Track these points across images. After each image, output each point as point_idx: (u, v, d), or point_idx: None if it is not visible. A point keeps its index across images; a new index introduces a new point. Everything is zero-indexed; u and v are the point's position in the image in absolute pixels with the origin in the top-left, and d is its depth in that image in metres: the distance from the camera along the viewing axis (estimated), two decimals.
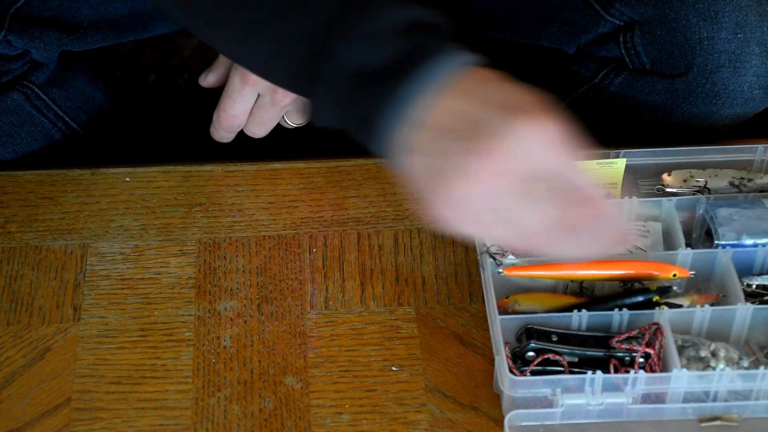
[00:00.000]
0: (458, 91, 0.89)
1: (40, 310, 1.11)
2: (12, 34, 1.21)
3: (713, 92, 1.22)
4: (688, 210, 1.13)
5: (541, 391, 1.00)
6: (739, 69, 1.20)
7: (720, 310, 1.05)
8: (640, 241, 1.11)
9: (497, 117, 0.87)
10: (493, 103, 0.88)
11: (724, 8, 1.20)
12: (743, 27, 1.20)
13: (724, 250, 1.08)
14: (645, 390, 1.00)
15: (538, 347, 1.02)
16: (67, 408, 1.04)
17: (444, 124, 0.88)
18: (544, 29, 1.30)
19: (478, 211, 0.88)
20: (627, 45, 1.24)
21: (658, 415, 1.01)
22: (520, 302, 1.06)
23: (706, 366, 1.01)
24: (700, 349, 1.02)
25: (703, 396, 1.01)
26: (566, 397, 0.99)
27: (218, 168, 1.22)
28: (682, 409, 1.01)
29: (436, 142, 0.88)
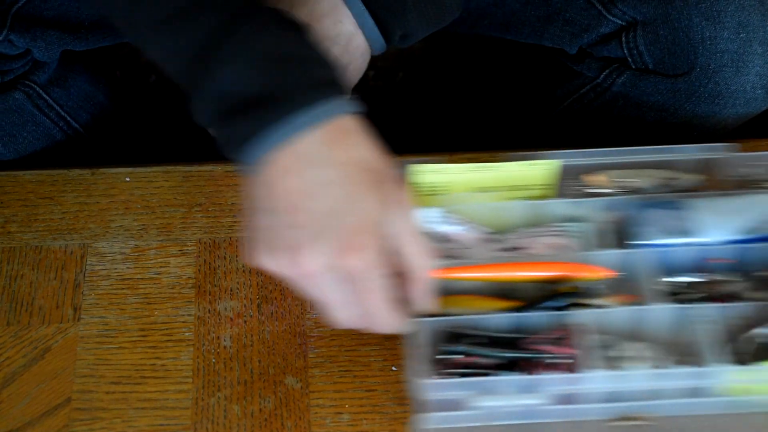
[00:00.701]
0: (314, 142, 0.93)
1: (40, 310, 1.11)
2: (13, 33, 1.21)
3: (716, 92, 1.22)
4: (614, 210, 1.12)
5: (457, 394, 1.00)
6: (742, 69, 1.20)
7: (639, 310, 1.04)
8: (566, 242, 1.11)
9: (339, 193, 0.93)
10: (336, 169, 0.93)
11: (727, 8, 1.19)
12: (746, 27, 1.20)
13: (646, 250, 1.08)
14: (560, 391, 1.00)
15: (457, 350, 1.02)
16: (67, 408, 1.04)
17: (285, 180, 0.93)
18: (546, 29, 1.30)
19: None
20: (629, 45, 1.24)
21: (573, 416, 1.01)
22: (446, 305, 1.05)
23: (621, 366, 1.01)
24: (617, 349, 1.02)
25: (618, 396, 1.00)
26: (481, 400, 0.99)
27: (218, 168, 1.22)
28: (596, 410, 1.00)
29: (274, 196, 0.94)
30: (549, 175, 1.13)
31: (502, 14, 1.32)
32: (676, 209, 1.10)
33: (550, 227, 1.12)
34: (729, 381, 1.00)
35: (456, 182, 1.12)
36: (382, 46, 1.12)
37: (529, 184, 1.13)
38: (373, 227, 0.94)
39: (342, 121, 0.94)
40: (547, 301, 1.05)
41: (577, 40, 1.28)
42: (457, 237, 1.11)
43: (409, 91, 1.48)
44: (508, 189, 1.13)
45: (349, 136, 0.95)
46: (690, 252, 1.08)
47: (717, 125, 1.25)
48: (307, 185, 0.93)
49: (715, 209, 1.10)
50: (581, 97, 1.31)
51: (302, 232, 0.93)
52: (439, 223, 1.11)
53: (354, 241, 0.93)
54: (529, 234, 1.12)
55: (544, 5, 1.29)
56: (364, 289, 0.96)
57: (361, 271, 0.94)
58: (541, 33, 1.31)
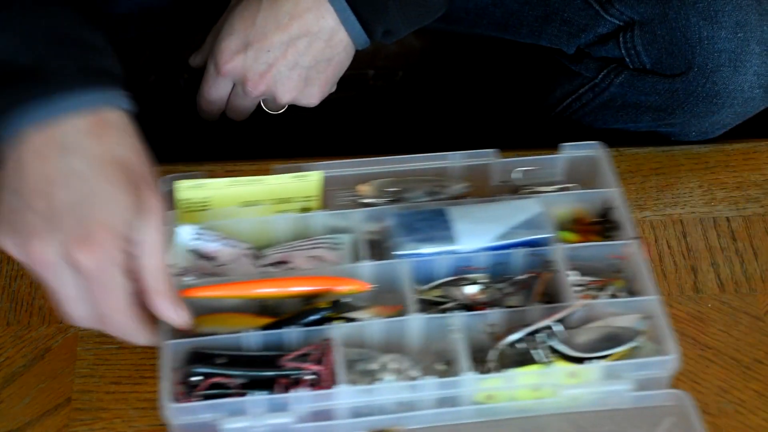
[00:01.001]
0: (73, 129, 0.91)
1: (40, 310, 1.11)
2: None
3: (714, 92, 1.22)
4: (377, 221, 1.11)
5: (204, 416, 0.97)
6: (740, 68, 1.20)
7: (393, 322, 1.03)
8: (330, 254, 1.09)
9: (86, 187, 0.90)
10: (89, 162, 0.91)
11: (724, 7, 1.20)
12: (743, 26, 1.20)
13: (403, 261, 1.06)
14: (311, 408, 0.98)
15: (203, 371, 0.99)
16: (67, 408, 1.04)
17: (35, 163, 0.90)
18: (544, 29, 1.30)
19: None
20: (627, 45, 1.24)
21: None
22: (203, 325, 1.02)
23: (375, 379, 1.00)
24: (371, 362, 1.01)
25: (371, 410, 0.99)
26: (230, 421, 0.97)
27: (218, 168, 1.22)
28: (350, 425, 0.99)
29: (22, 176, 0.91)
30: (315, 186, 1.12)
31: (501, 14, 1.32)
32: (437, 218, 1.10)
33: (313, 240, 1.11)
34: (480, 389, 0.99)
35: (219, 197, 1.11)
36: (365, 41, 1.14)
37: (296, 197, 1.12)
38: (114, 227, 0.91)
39: (109, 114, 0.92)
40: (302, 317, 1.02)
41: (575, 40, 1.28)
42: (215, 254, 1.09)
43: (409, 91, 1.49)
44: (275, 202, 1.12)
45: (112, 131, 0.92)
46: (448, 261, 1.08)
47: (715, 125, 1.26)
48: (55, 172, 0.90)
49: (473, 217, 1.10)
50: (579, 97, 1.31)
51: (39, 218, 0.90)
52: (195, 240, 1.08)
53: (89, 237, 0.90)
54: (291, 248, 1.10)
55: (541, 5, 1.29)
56: (99, 288, 0.92)
57: (93, 269, 0.91)
58: (539, 33, 1.31)
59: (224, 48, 1.16)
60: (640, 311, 1.04)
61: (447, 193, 1.15)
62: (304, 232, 1.12)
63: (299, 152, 1.26)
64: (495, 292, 1.08)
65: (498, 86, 1.48)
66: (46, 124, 0.90)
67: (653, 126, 1.28)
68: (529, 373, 0.99)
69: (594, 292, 1.08)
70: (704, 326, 1.12)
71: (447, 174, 1.16)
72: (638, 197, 1.23)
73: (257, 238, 1.11)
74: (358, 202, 1.14)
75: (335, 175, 1.15)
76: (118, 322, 0.95)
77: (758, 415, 1.05)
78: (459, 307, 1.06)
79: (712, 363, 1.09)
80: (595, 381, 1.00)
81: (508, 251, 1.08)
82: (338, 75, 1.18)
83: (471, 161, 1.16)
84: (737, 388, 1.07)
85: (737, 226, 1.21)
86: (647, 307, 1.04)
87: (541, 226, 1.09)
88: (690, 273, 1.16)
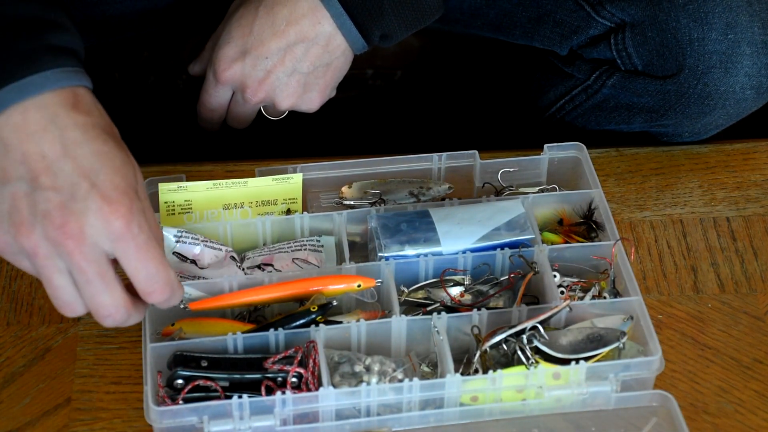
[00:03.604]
0: (55, 106, 0.91)
1: (40, 310, 1.11)
2: None
3: (705, 93, 1.22)
4: (361, 223, 1.11)
5: (188, 419, 0.97)
6: (731, 69, 1.20)
7: (376, 324, 1.03)
8: (313, 256, 1.09)
9: (87, 151, 0.90)
10: (87, 132, 0.90)
11: (714, 9, 1.20)
12: (734, 27, 1.20)
13: (387, 262, 1.06)
14: (295, 411, 0.98)
15: (187, 374, 0.99)
16: (67, 408, 1.04)
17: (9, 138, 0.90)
18: (537, 31, 1.30)
19: None
20: (618, 47, 1.24)
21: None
22: (186, 330, 1.03)
23: (359, 381, 1.00)
24: (355, 364, 1.01)
25: (356, 412, 0.99)
26: (213, 424, 0.97)
27: (218, 168, 1.22)
28: (335, 427, 0.99)
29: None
30: (297, 188, 1.12)
31: (494, 15, 1.32)
32: (420, 219, 1.10)
33: (296, 242, 1.11)
34: (464, 391, 0.99)
35: (201, 199, 1.11)
36: (362, 45, 1.14)
37: (278, 199, 1.13)
38: (129, 186, 0.91)
39: (78, 89, 0.92)
40: (288, 320, 1.03)
41: (567, 42, 1.28)
42: (196, 257, 1.09)
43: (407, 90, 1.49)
44: (257, 204, 1.12)
45: (89, 104, 0.93)
46: (431, 262, 1.08)
47: (707, 125, 1.26)
48: (54, 147, 0.90)
49: (456, 218, 1.10)
50: (572, 98, 1.31)
51: (52, 194, 0.89)
52: (176, 243, 1.08)
53: (113, 200, 0.89)
54: (274, 250, 1.10)
55: (534, 6, 1.29)
56: (131, 248, 0.91)
57: (123, 230, 0.90)
58: (532, 34, 1.31)
59: (222, 56, 1.16)
60: (623, 312, 1.04)
61: (430, 195, 1.16)
62: (287, 235, 1.12)
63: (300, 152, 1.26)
64: (479, 293, 1.08)
65: (493, 87, 1.48)
66: (25, 107, 0.90)
67: (646, 127, 1.28)
68: (514, 375, 1.00)
69: (578, 293, 1.08)
70: (704, 326, 1.12)
71: (430, 175, 1.16)
72: (638, 197, 1.23)
73: (239, 240, 1.11)
74: (341, 204, 1.15)
75: (318, 177, 1.15)
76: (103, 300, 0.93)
77: (758, 415, 1.05)
78: (443, 308, 1.06)
79: (712, 363, 1.09)
80: (579, 382, 1.00)
81: (492, 252, 1.08)
82: (337, 80, 1.18)
83: (454, 163, 1.16)
84: (737, 388, 1.07)
85: (737, 226, 1.21)
86: (631, 308, 1.04)
87: (523, 228, 1.10)
88: (690, 273, 1.16)
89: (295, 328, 1.02)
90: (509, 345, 1.02)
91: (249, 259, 1.10)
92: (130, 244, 0.90)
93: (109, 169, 0.90)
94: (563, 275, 1.09)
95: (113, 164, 0.91)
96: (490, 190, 1.17)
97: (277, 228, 1.12)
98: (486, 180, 1.17)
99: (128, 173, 0.91)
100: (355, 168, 1.16)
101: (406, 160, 1.16)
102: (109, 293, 0.92)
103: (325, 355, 1.00)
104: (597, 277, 1.10)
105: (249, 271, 1.09)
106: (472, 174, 1.17)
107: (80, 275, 0.91)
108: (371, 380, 1.00)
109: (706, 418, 1.04)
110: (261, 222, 1.11)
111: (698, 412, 1.05)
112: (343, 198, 1.15)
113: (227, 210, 1.12)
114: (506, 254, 1.08)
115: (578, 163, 1.17)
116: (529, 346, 1.01)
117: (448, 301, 1.07)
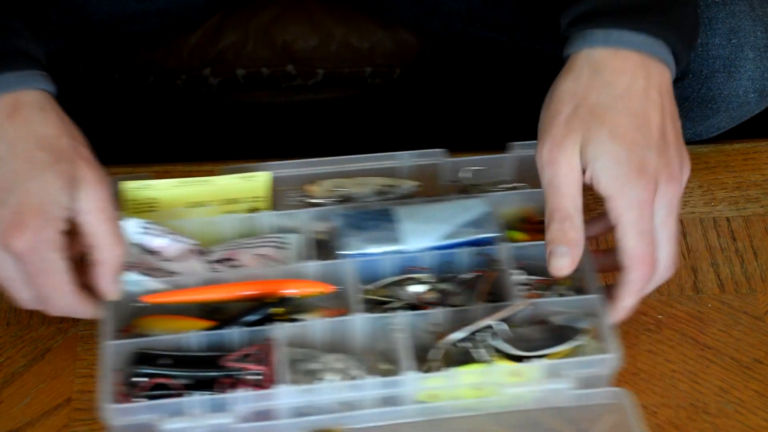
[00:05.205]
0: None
1: None
2: None
3: (709, 97, 1.22)
4: (326, 221, 1.11)
5: (144, 417, 0.96)
6: (734, 74, 1.21)
7: (337, 322, 1.03)
8: (277, 253, 1.09)
9: (6, 170, 0.91)
10: (7, 145, 0.91)
11: (717, 14, 1.20)
12: (737, 32, 1.20)
13: (349, 260, 1.06)
14: (252, 408, 0.97)
15: (146, 372, 0.98)
16: (67, 408, 1.05)
17: None
18: (538, 33, 1.30)
19: None
20: None
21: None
22: (146, 327, 1.03)
23: (317, 379, 0.99)
24: (314, 362, 1.01)
25: (312, 410, 0.98)
26: (170, 422, 0.96)
27: (218, 168, 1.22)
28: (291, 424, 0.98)
29: None
30: (263, 187, 1.12)
31: (493, 17, 1.32)
32: (383, 217, 1.10)
33: (261, 238, 1.10)
34: (422, 388, 0.99)
35: (166, 198, 1.10)
36: None
37: (243, 197, 1.12)
38: (43, 207, 0.91)
39: (26, 95, 0.92)
40: (246, 317, 1.02)
41: None
42: (160, 249, 1.08)
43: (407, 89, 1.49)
44: (222, 203, 1.12)
45: (32, 111, 0.92)
46: (394, 260, 1.08)
47: (710, 128, 1.26)
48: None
49: (419, 216, 1.10)
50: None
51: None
52: (141, 234, 1.07)
53: (19, 222, 0.90)
54: (238, 245, 1.10)
55: (533, 10, 1.29)
56: (36, 270, 0.93)
57: (27, 252, 0.91)
58: (533, 36, 1.31)
59: None
60: (583, 309, 1.04)
61: (397, 193, 1.15)
62: (251, 233, 1.12)
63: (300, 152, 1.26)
64: (441, 291, 1.07)
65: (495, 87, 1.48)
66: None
67: None
68: (471, 372, 0.99)
69: (540, 291, 1.07)
70: (704, 326, 1.12)
71: (397, 174, 1.16)
72: None
73: (204, 238, 1.11)
74: (307, 202, 1.14)
75: (286, 175, 1.14)
76: (60, 301, 0.97)
77: (758, 415, 1.05)
78: (405, 306, 1.06)
79: (712, 363, 1.09)
80: (536, 379, 1.00)
81: (455, 251, 1.08)
82: None
83: (420, 161, 1.16)
84: (737, 388, 1.07)
85: (737, 226, 1.21)
86: (591, 306, 1.04)
87: (487, 226, 1.10)
88: (690, 273, 1.16)
89: (254, 322, 1.02)
90: (468, 343, 1.01)
91: (213, 254, 1.10)
92: (32, 269, 0.93)
93: (23, 191, 0.91)
94: (528, 273, 1.08)
95: (30, 185, 0.91)
96: (455, 188, 1.17)
97: (242, 226, 1.11)
98: (454, 178, 1.17)
99: (48, 194, 0.91)
100: (323, 166, 1.15)
101: (374, 158, 1.16)
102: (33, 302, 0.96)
103: (284, 353, 1.00)
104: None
105: (211, 265, 1.08)
106: (438, 172, 1.17)
107: (8, 281, 0.96)
108: (329, 378, 0.99)
109: (706, 418, 1.05)
110: (225, 220, 1.11)
111: (698, 412, 1.05)
112: (309, 196, 1.15)
113: (192, 208, 1.12)
114: (469, 252, 1.08)
115: None
116: (488, 343, 1.01)
117: (409, 299, 1.07)
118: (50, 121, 0.93)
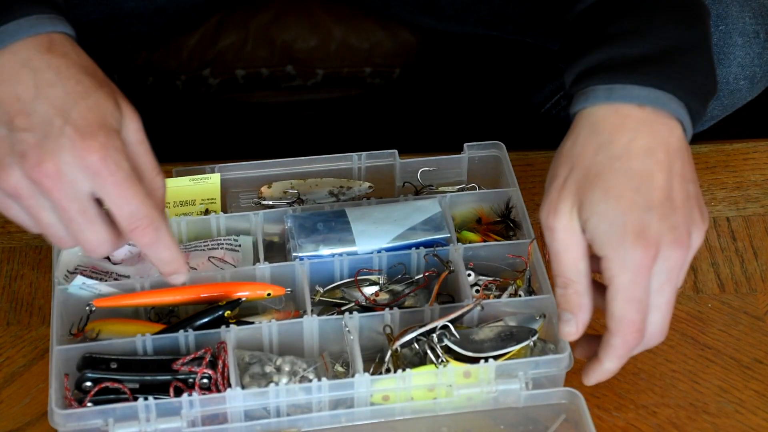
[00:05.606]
0: (30, 48, 0.91)
1: (40, 310, 1.11)
2: None
3: None
4: (278, 222, 1.11)
5: (93, 422, 0.95)
6: (723, 60, 1.20)
7: (288, 324, 1.02)
8: (229, 255, 1.09)
9: (59, 92, 0.90)
10: (61, 72, 0.90)
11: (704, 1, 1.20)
12: (724, 18, 1.19)
13: (302, 262, 1.06)
14: (202, 412, 0.96)
15: (95, 376, 0.97)
16: None
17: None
18: (529, 26, 1.30)
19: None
20: None
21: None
22: (100, 330, 1.02)
23: (269, 382, 0.98)
24: (266, 364, 1.00)
25: (265, 413, 0.98)
26: (119, 427, 0.95)
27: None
28: (245, 428, 0.97)
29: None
30: (214, 189, 1.12)
31: (487, 10, 1.32)
32: (336, 219, 1.09)
33: (213, 241, 1.10)
34: (375, 390, 0.98)
35: None
36: None
37: (196, 199, 1.12)
38: (105, 119, 0.90)
39: (57, 36, 0.92)
40: (198, 320, 1.02)
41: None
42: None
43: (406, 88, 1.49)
44: (176, 205, 1.12)
45: (66, 47, 0.92)
46: (346, 262, 1.07)
47: None
48: (28, 89, 0.90)
49: (372, 218, 1.10)
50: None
51: (28, 136, 0.89)
52: None
53: (87, 133, 0.89)
54: (191, 248, 1.09)
55: (526, 2, 1.29)
56: (108, 182, 0.90)
57: (100, 162, 0.89)
58: (525, 30, 1.31)
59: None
60: (536, 310, 1.04)
61: (350, 195, 1.15)
62: (204, 235, 1.11)
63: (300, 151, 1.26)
64: (394, 292, 1.07)
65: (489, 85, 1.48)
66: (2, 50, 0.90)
67: None
68: (424, 374, 0.99)
69: (493, 292, 1.07)
70: (704, 326, 1.12)
71: (351, 175, 1.16)
72: None
73: None
74: (260, 204, 1.14)
75: (239, 177, 1.14)
76: (127, 207, 0.92)
77: (758, 415, 1.05)
78: (358, 308, 1.05)
79: (712, 363, 1.09)
80: (488, 380, 0.99)
81: (407, 252, 1.08)
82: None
83: (374, 162, 1.16)
84: (737, 388, 1.07)
85: (737, 226, 1.21)
86: (543, 306, 1.04)
87: (439, 227, 1.10)
88: (690, 273, 1.16)
89: (204, 325, 1.01)
90: (421, 344, 1.01)
91: None
92: (108, 180, 0.90)
93: (83, 107, 0.90)
94: (480, 274, 1.08)
95: (87, 102, 0.90)
96: (410, 189, 1.16)
97: (194, 228, 1.11)
98: (407, 179, 1.17)
99: (105, 110, 0.91)
100: (276, 168, 1.15)
101: (327, 160, 1.15)
102: (92, 231, 0.91)
103: (236, 356, 0.99)
104: (513, 275, 1.09)
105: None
106: (392, 174, 1.16)
107: (62, 213, 0.91)
108: (281, 381, 0.99)
109: (706, 418, 1.04)
110: (177, 222, 1.10)
111: (698, 412, 1.05)
112: (262, 198, 1.15)
113: None
114: (421, 253, 1.08)
115: (499, 162, 1.16)
116: (439, 344, 1.00)
117: (362, 300, 1.07)
118: (84, 55, 0.94)
